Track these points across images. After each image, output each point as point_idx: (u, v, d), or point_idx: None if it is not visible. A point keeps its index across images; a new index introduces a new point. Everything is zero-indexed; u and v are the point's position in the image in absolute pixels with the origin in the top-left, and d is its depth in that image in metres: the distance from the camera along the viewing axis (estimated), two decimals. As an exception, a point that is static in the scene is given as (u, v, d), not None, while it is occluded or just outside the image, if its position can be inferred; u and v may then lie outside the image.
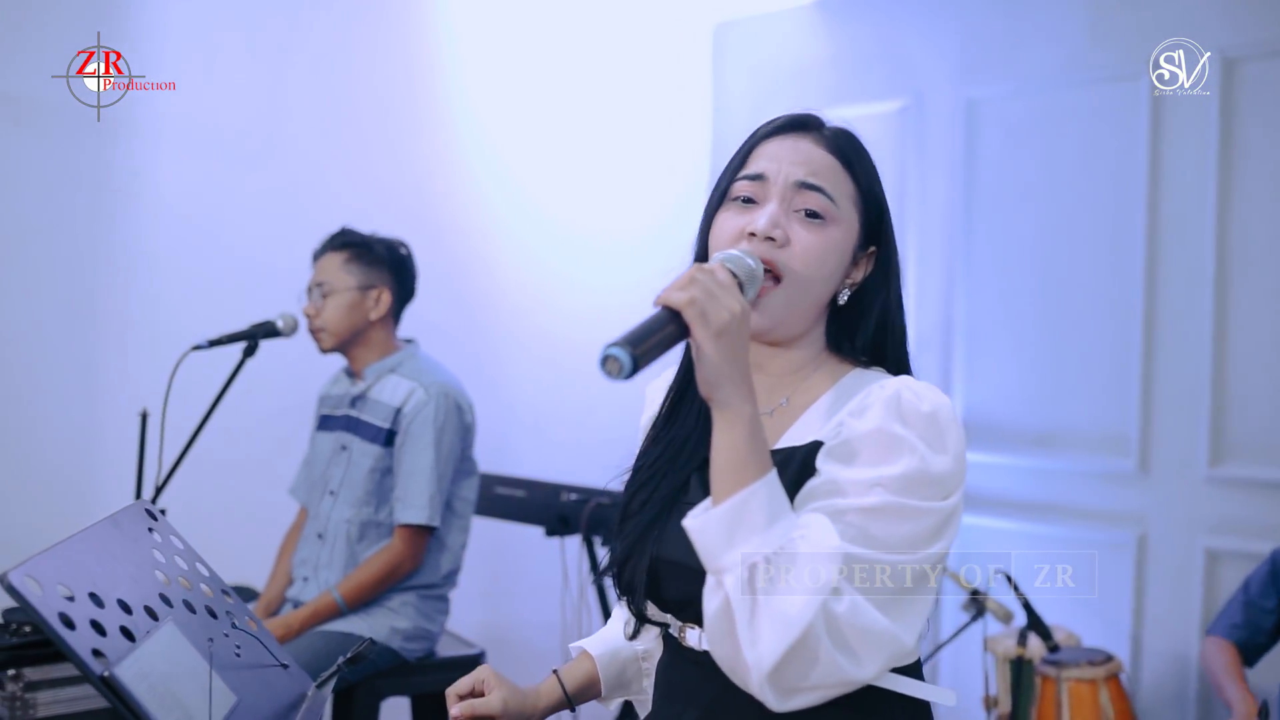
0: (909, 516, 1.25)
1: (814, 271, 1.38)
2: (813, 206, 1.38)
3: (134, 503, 1.71)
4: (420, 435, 2.88)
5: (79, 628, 1.30)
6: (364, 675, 2.84)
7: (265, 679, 1.65)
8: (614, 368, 1.19)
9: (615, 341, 1.19)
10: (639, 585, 1.42)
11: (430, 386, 2.92)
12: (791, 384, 1.44)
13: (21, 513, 3.18)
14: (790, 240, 1.37)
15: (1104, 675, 2.96)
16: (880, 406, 1.30)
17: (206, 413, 2.81)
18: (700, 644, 1.39)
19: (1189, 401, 3.50)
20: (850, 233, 1.42)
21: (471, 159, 4.11)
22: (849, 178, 1.42)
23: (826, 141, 1.43)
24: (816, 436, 1.35)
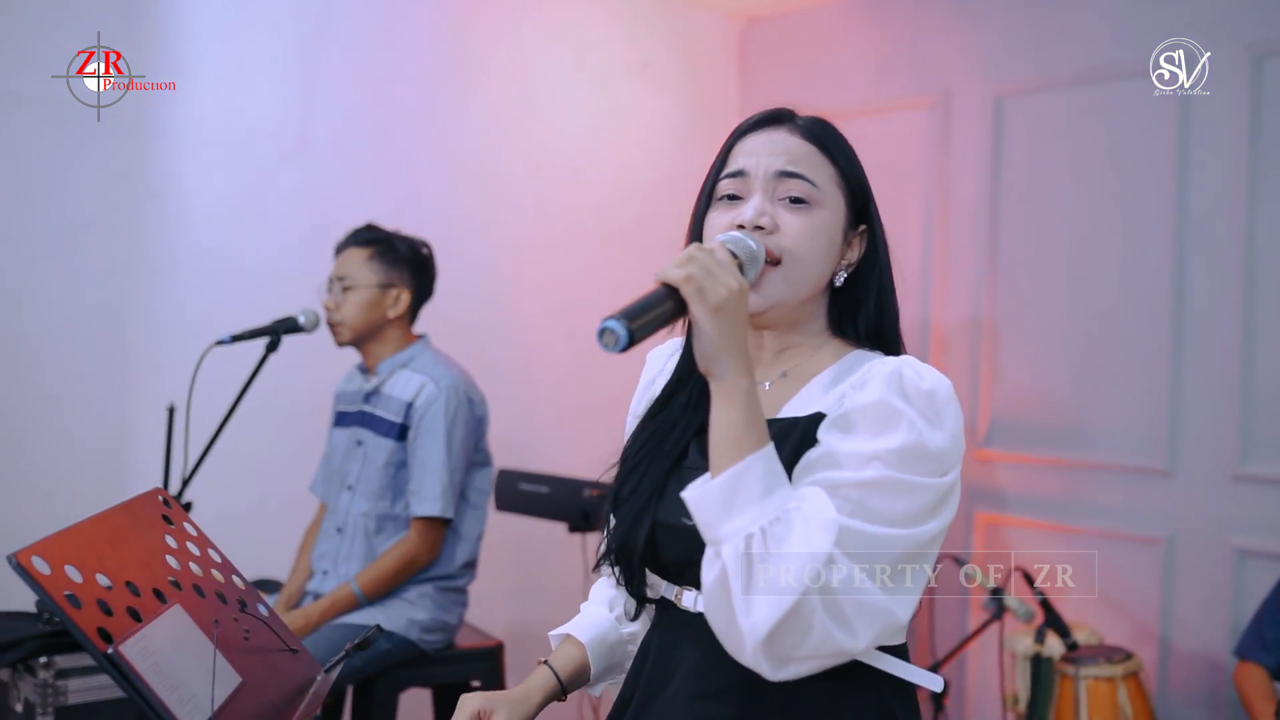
0: (906, 492, 1.27)
1: (807, 251, 1.42)
2: (796, 193, 1.43)
3: (149, 490, 1.76)
4: (432, 429, 2.92)
5: (85, 606, 1.34)
6: (383, 667, 2.88)
7: (273, 663, 1.68)
8: (610, 340, 1.23)
9: (612, 315, 1.23)
10: (637, 552, 1.44)
11: (440, 380, 2.96)
12: (792, 359, 1.48)
13: (56, 503, 3.25)
14: (779, 226, 1.41)
15: (1123, 674, 2.94)
16: (881, 380, 1.33)
17: (230, 408, 2.86)
18: (695, 606, 1.41)
19: (1217, 400, 3.47)
20: (837, 213, 1.45)
21: (499, 158, 4.14)
22: (828, 161, 1.46)
23: (801, 130, 1.46)
24: (818, 408, 1.39)
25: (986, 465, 3.98)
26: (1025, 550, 3.79)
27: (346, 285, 3.00)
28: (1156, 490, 3.60)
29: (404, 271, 3.04)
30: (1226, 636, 3.39)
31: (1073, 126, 3.81)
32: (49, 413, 3.29)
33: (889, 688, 1.39)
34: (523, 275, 4.18)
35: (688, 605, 1.43)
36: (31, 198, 3.26)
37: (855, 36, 4.44)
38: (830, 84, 4.50)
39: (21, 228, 3.25)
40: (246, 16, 3.60)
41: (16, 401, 3.24)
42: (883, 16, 4.36)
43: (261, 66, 3.64)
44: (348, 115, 3.79)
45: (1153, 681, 3.50)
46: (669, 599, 1.47)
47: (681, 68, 4.64)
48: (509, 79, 4.17)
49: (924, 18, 4.23)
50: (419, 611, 2.92)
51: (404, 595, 2.93)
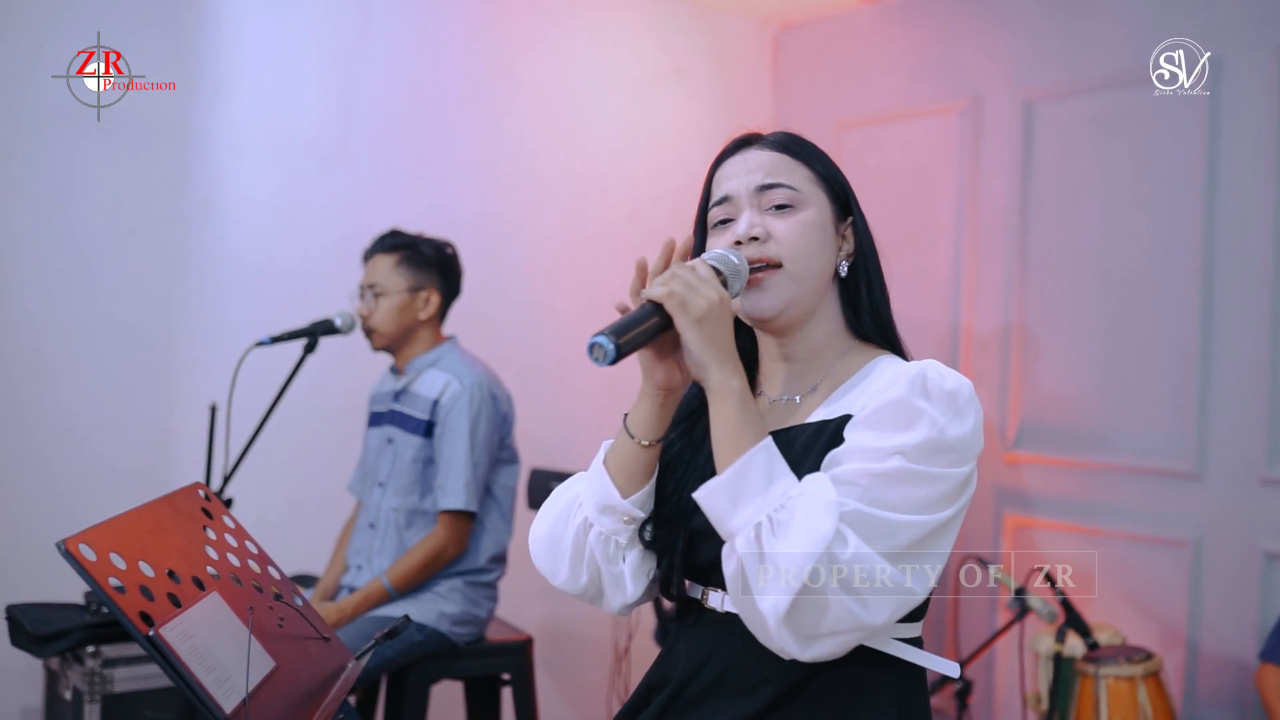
0: (925, 481, 1.34)
1: (803, 248, 1.51)
2: (779, 200, 1.53)
3: (188, 485, 1.84)
4: (456, 425, 3.01)
5: (129, 592, 1.42)
6: (415, 658, 2.96)
7: (306, 650, 1.76)
8: (599, 354, 1.34)
9: (601, 331, 1.33)
10: (676, 558, 1.51)
11: (465, 378, 3.04)
12: (819, 370, 1.55)
13: (101, 496, 3.36)
14: (771, 233, 1.51)
15: (1143, 673, 2.97)
16: (905, 382, 1.40)
17: (269, 407, 2.96)
18: (722, 605, 1.49)
19: (1246, 404, 3.48)
20: (822, 209, 1.55)
21: (534, 162, 4.22)
22: (801, 164, 1.56)
23: (770, 145, 1.57)
24: (846, 411, 1.46)
25: (1016, 468, 4.00)
26: (1052, 551, 3.81)
27: (378, 292, 3.08)
28: (1185, 493, 3.61)
29: (431, 274, 3.13)
30: (1254, 639, 3.40)
31: (1102, 131, 3.83)
32: (97, 410, 3.40)
33: (908, 675, 1.46)
34: (556, 278, 4.26)
35: (714, 605, 1.50)
36: (84, 203, 3.37)
37: (887, 42, 4.48)
38: (862, 89, 4.55)
39: (74, 232, 3.36)
40: (287, 27, 3.70)
41: (65, 399, 3.35)
42: (914, 22, 4.40)
43: (302, 75, 3.74)
44: (386, 122, 3.88)
45: (1180, 683, 3.51)
46: (696, 599, 1.53)
47: (715, 73, 4.70)
48: (544, 85, 4.24)
49: (955, 23, 4.26)
50: (449, 604, 3.00)
51: (434, 589, 3.02)
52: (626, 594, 1.55)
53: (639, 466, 1.51)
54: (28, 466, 3.31)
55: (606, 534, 1.53)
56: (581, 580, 1.56)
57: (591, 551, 1.54)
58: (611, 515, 1.51)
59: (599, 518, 1.52)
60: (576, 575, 1.56)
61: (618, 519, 1.52)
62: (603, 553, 1.54)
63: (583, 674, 4.19)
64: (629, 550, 1.54)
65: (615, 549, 1.53)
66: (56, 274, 3.34)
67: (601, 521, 1.52)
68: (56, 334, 3.34)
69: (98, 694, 2.93)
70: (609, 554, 1.54)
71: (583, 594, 1.58)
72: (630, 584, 1.54)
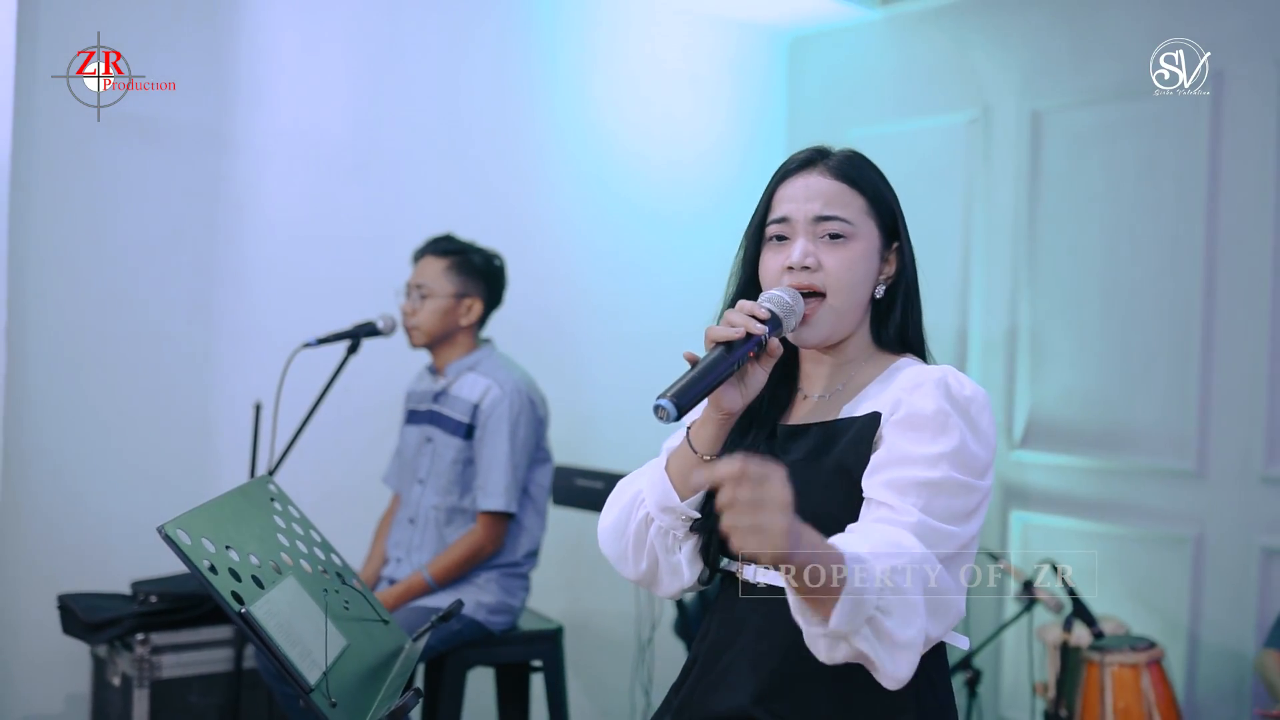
0: (962, 492, 1.49)
1: (848, 282, 1.65)
2: (833, 230, 1.65)
3: (258, 477, 1.97)
4: (497, 429, 3.14)
5: (221, 573, 1.55)
6: (454, 645, 3.10)
7: (369, 630, 1.89)
8: (663, 415, 1.47)
9: (663, 394, 1.48)
10: (715, 531, 1.64)
11: (505, 383, 3.17)
12: (847, 372, 1.70)
13: (142, 493, 3.49)
14: (821, 264, 1.64)
15: (1146, 660, 3.10)
16: (932, 387, 1.55)
17: (313, 405, 3.09)
18: (755, 577, 1.63)
19: (1246, 404, 3.59)
20: (871, 240, 1.67)
21: (559, 169, 4.34)
22: (857, 194, 1.67)
23: (832, 171, 1.68)
24: (874, 409, 1.60)
25: (1022, 466, 4.12)
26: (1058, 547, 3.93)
27: (425, 293, 3.22)
28: (1187, 491, 3.73)
29: (478, 283, 3.26)
30: (1253, 632, 3.51)
31: (1108, 140, 3.94)
32: (137, 410, 3.52)
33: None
34: (579, 282, 4.38)
35: (748, 577, 1.65)
36: (128, 209, 3.50)
37: (898, 52, 4.60)
38: (873, 98, 4.67)
39: (118, 236, 3.48)
40: (319, 36, 3.82)
41: (105, 400, 3.47)
42: (925, 33, 4.52)
43: (334, 83, 3.86)
44: (415, 129, 4.01)
45: (1181, 675, 3.63)
46: (732, 572, 1.69)
47: (730, 82, 4.83)
48: (568, 93, 4.37)
49: (965, 34, 4.38)
50: (485, 595, 3.14)
51: (473, 580, 3.16)
52: (683, 579, 1.71)
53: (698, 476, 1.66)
54: (71, 466, 3.43)
55: (665, 529, 1.69)
56: (642, 567, 1.73)
57: (652, 543, 1.70)
58: (671, 514, 1.67)
59: (660, 515, 1.68)
60: (638, 563, 1.73)
61: (676, 518, 1.67)
62: (662, 544, 1.70)
63: (604, 666, 4.32)
64: (685, 543, 1.70)
65: (673, 541, 1.70)
66: (96, 279, 3.46)
67: (661, 518, 1.68)
68: (96, 337, 3.46)
69: (147, 680, 3.06)
70: (667, 545, 1.70)
71: (641, 579, 1.75)
72: (687, 571, 1.70)
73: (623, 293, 4.49)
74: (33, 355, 3.36)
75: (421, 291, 3.23)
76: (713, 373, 1.52)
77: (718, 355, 1.53)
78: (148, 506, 3.45)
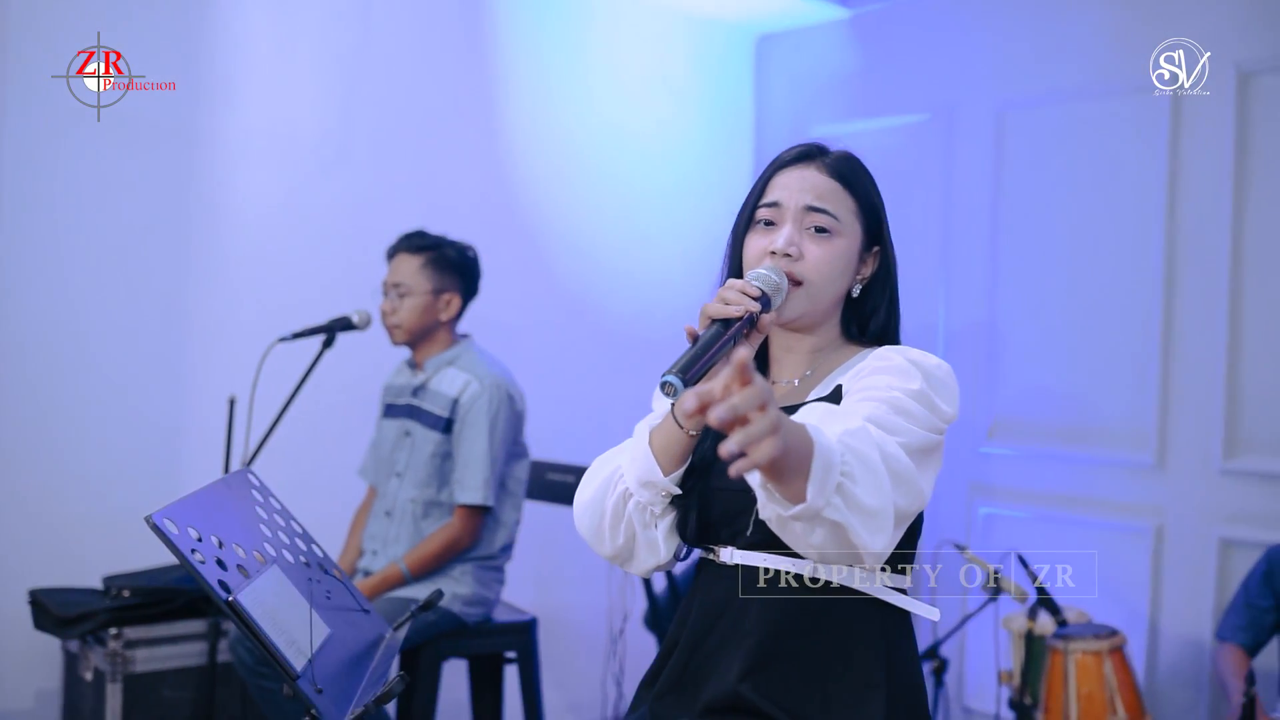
0: (917, 416, 1.56)
1: (826, 275, 1.71)
2: (820, 224, 1.71)
3: (239, 469, 1.99)
4: (475, 423, 3.16)
5: (208, 562, 1.57)
6: (429, 637, 3.12)
7: (351, 620, 1.92)
8: (669, 391, 1.51)
9: (670, 369, 1.51)
10: (692, 506, 1.71)
11: (484, 379, 3.20)
12: (815, 360, 1.77)
13: (116, 488, 3.49)
14: (804, 254, 1.70)
15: (1108, 648, 3.16)
16: (894, 352, 1.65)
17: (289, 398, 3.10)
18: (730, 559, 1.68)
19: (1205, 398, 3.67)
20: (854, 240, 1.74)
21: (530, 165, 4.36)
22: (849, 195, 1.74)
23: (828, 168, 1.75)
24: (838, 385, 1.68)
25: (988, 459, 4.19)
26: (1022, 538, 4.00)
27: (403, 292, 3.23)
28: (1147, 483, 3.80)
29: (454, 277, 3.28)
30: (1211, 621, 3.59)
31: (1071, 139, 4.01)
32: (109, 406, 3.52)
33: (893, 618, 1.67)
34: (550, 277, 4.41)
35: (725, 559, 1.70)
36: (94, 205, 3.49)
37: (863, 51, 4.66)
38: (839, 96, 4.72)
39: (91, 232, 3.48)
40: (291, 31, 3.83)
41: (78, 396, 3.47)
42: (890, 32, 4.58)
43: (305, 78, 3.87)
44: (386, 124, 4.02)
45: (1142, 663, 3.71)
46: (709, 557, 1.73)
47: (697, 80, 4.86)
48: (537, 90, 4.39)
49: (930, 34, 4.44)
50: (461, 586, 3.16)
51: (448, 572, 3.18)
52: (659, 556, 1.76)
53: (680, 450, 1.69)
54: (43, 461, 3.43)
55: (644, 504, 1.72)
56: (619, 542, 1.76)
57: (630, 519, 1.74)
58: (651, 489, 1.70)
59: (639, 490, 1.71)
60: (614, 538, 1.76)
61: (656, 493, 1.71)
62: (640, 520, 1.74)
63: (575, 659, 4.35)
64: (662, 519, 1.74)
65: (651, 517, 1.74)
66: (67, 274, 3.46)
67: (641, 494, 1.71)
68: (68, 332, 3.45)
69: (119, 674, 3.06)
70: (645, 520, 1.74)
71: (616, 555, 1.78)
72: (663, 547, 1.75)
73: (594, 287, 4.52)
74: (3, 351, 3.36)
75: (399, 290, 3.25)
76: (713, 348, 1.57)
77: (716, 331, 1.59)
78: (120, 502, 3.46)
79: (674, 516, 1.74)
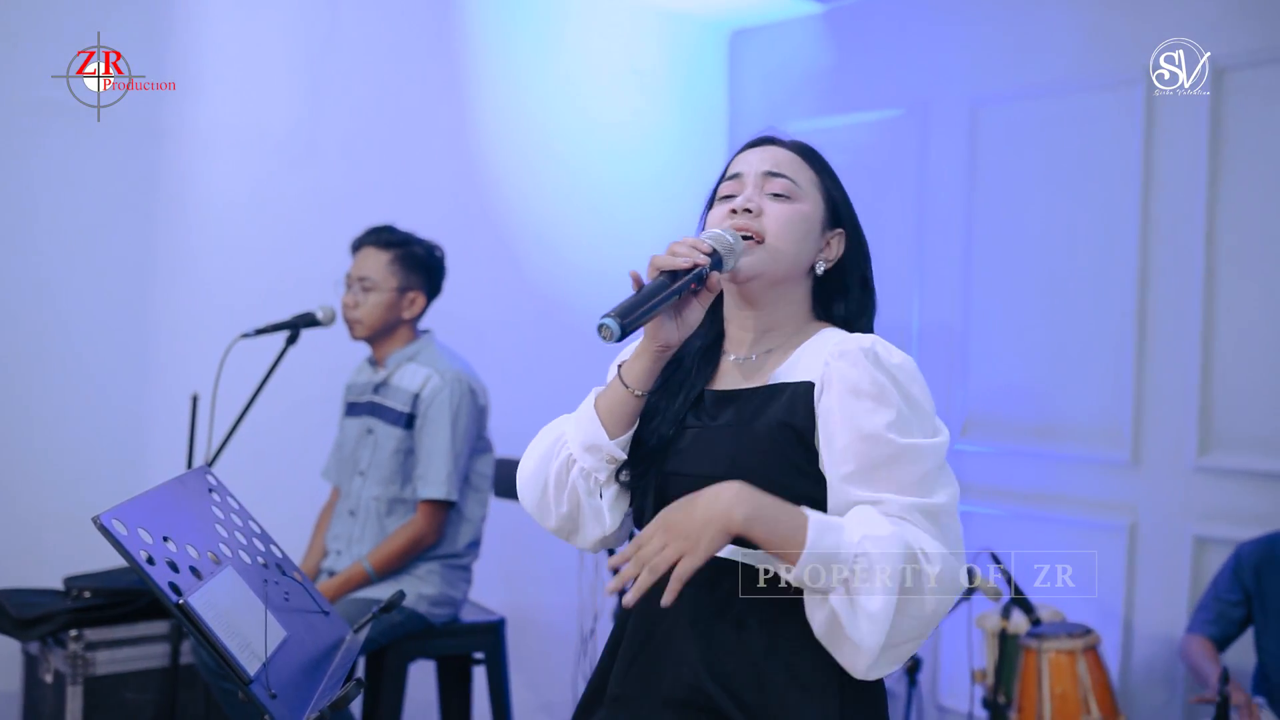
0: (914, 458, 1.52)
1: (786, 233, 1.68)
2: (778, 190, 1.70)
3: (196, 468, 1.94)
4: (437, 418, 3.11)
5: (158, 564, 1.52)
6: (394, 638, 3.07)
7: (309, 622, 1.87)
8: (606, 334, 1.49)
9: (608, 312, 1.50)
10: (649, 496, 1.67)
11: (445, 373, 3.15)
12: (776, 338, 1.72)
13: (80, 487, 3.43)
14: (763, 210, 1.68)
15: (1082, 647, 3.15)
16: (860, 355, 1.58)
17: (252, 395, 3.05)
18: None
19: (1179, 395, 3.66)
20: (815, 210, 1.72)
21: (500, 160, 4.32)
22: (808, 167, 1.74)
23: (788, 145, 1.75)
24: (805, 378, 1.62)
25: (962, 456, 4.17)
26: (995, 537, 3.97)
27: (368, 286, 3.18)
28: (1121, 480, 3.79)
29: (420, 276, 3.23)
30: (1185, 618, 3.58)
31: (1044, 135, 4.00)
32: (72, 402, 3.46)
33: None
34: (519, 272, 4.37)
35: None
36: (60, 198, 3.43)
37: (838, 46, 4.64)
38: (813, 91, 4.70)
39: (50, 226, 3.42)
40: (258, 26, 3.78)
41: (43, 391, 3.41)
42: (864, 27, 4.55)
43: (273, 74, 3.82)
44: (355, 122, 3.97)
45: (1115, 660, 3.70)
46: None
47: (671, 75, 4.83)
48: (509, 84, 4.35)
49: (904, 29, 4.42)
50: (427, 586, 3.12)
51: (413, 572, 3.13)
52: (605, 525, 1.71)
53: (627, 412, 1.67)
54: (2, 458, 3.36)
55: (588, 470, 1.69)
56: (563, 510, 1.72)
57: (574, 485, 1.70)
58: (596, 454, 1.67)
59: (583, 455, 1.68)
60: (559, 506, 1.72)
61: (601, 458, 1.67)
62: (584, 487, 1.70)
63: (546, 659, 4.31)
64: (606, 487, 1.70)
65: (595, 484, 1.70)
66: (30, 268, 3.40)
67: (585, 459, 1.68)
68: (31, 327, 3.39)
69: (80, 676, 3.01)
70: (589, 488, 1.70)
71: (561, 527, 1.74)
72: (608, 516, 1.70)
73: (563, 283, 4.47)
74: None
75: (364, 284, 3.20)
76: (657, 297, 1.55)
77: (661, 282, 1.57)
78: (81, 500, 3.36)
79: (618, 488, 1.70)
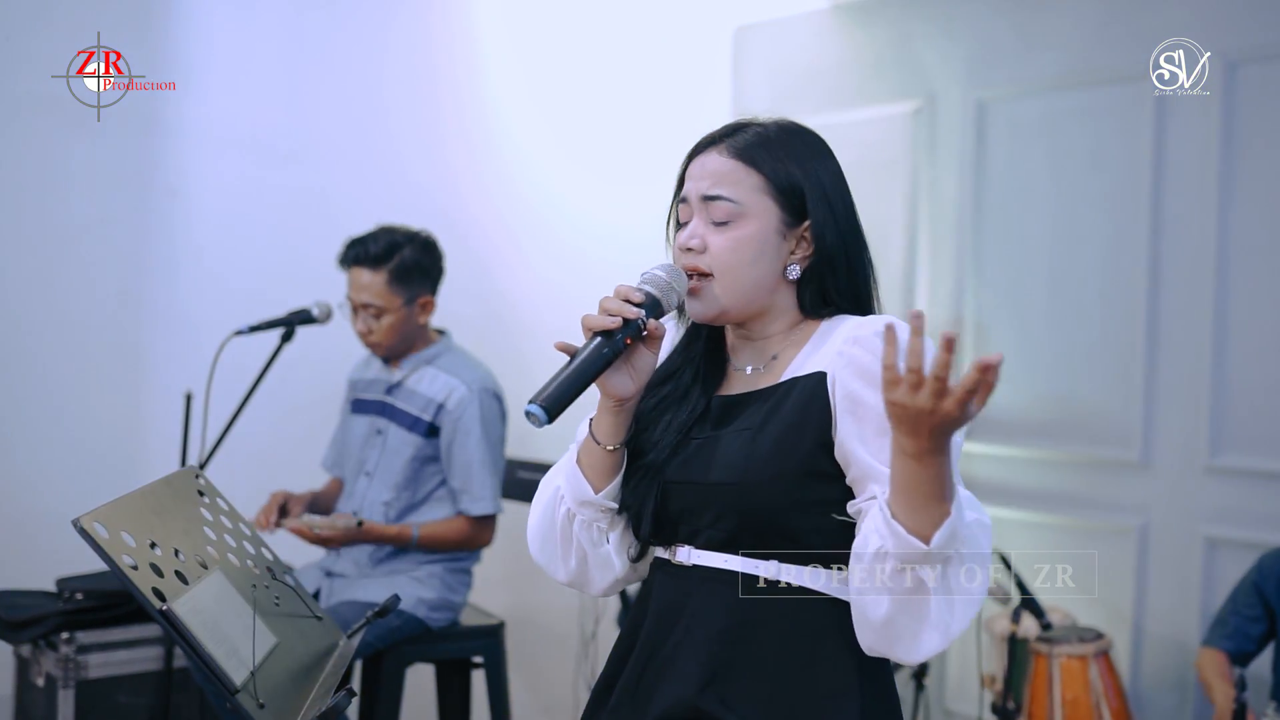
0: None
1: (734, 263, 1.60)
2: (718, 217, 1.61)
3: (184, 468, 1.89)
4: (470, 430, 3.07)
5: (141, 569, 1.47)
6: (392, 642, 3.02)
7: (301, 627, 1.81)
8: (534, 421, 1.47)
9: (532, 399, 1.49)
10: (649, 503, 1.61)
11: (471, 383, 3.11)
12: (773, 346, 1.66)
13: (74, 486, 3.38)
14: (707, 245, 1.60)
15: (1094, 652, 3.09)
16: (874, 340, 1.51)
17: (248, 393, 3.00)
18: (688, 559, 1.59)
19: (1190, 394, 3.61)
20: (765, 222, 1.61)
21: (496, 159, 4.28)
22: (752, 171, 1.61)
23: (730, 149, 1.63)
24: (817, 368, 1.56)
25: (968, 457, 4.11)
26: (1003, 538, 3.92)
27: (376, 312, 3.10)
28: (1131, 481, 3.73)
29: (422, 279, 3.15)
30: (1197, 622, 3.53)
31: (1052, 130, 3.94)
32: (66, 399, 3.43)
33: None
34: (517, 271, 4.32)
35: (682, 560, 1.60)
36: (54, 195, 3.41)
37: (842, 41, 4.58)
38: (818, 87, 4.64)
39: (44, 223, 3.39)
40: (257, 26, 3.75)
41: (37, 388, 3.38)
42: (869, 22, 4.50)
43: (272, 74, 3.79)
44: (346, 119, 3.95)
45: (1126, 665, 3.64)
46: (665, 558, 1.63)
47: (674, 71, 4.77)
48: (505, 83, 4.31)
49: (910, 24, 4.36)
50: (427, 590, 3.06)
51: (413, 574, 3.07)
52: (615, 571, 1.68)
53: (607, 466, 1.63)
54: (-4, 456, 3.33)
55: (588, 521, 1.66)
56: (571, 565, 1.69)
57: (578, 539, 1.67)
58: (590, 508, 1.64)
59: (580, 509, 1.65)
60: (567, 560, 1.69)
61: (595, 510, 1.64)
62: (588, 538, 1.67)
63: (546, 661, 4.26)
64: (611, 532, 1.67)
65: (598, 533, 1.67)
66: (24, 265, 3.36)
67: (583, 512, 1.65)
68: (25, 324, 3.36)
69: (72, 680, 2.96)
70: (594, 538, 1.67)
71: (573, 579, 1.71)
72: (617, 560, 1.67)
73: (561, 282, 4.42)
74: (-49, 344, 3.25)
75: (370, 311, 3.11)
76: (587, 368, 1.51)
77: (594, 346, 1.53)
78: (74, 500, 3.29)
79: (624, 525, 1.66)
